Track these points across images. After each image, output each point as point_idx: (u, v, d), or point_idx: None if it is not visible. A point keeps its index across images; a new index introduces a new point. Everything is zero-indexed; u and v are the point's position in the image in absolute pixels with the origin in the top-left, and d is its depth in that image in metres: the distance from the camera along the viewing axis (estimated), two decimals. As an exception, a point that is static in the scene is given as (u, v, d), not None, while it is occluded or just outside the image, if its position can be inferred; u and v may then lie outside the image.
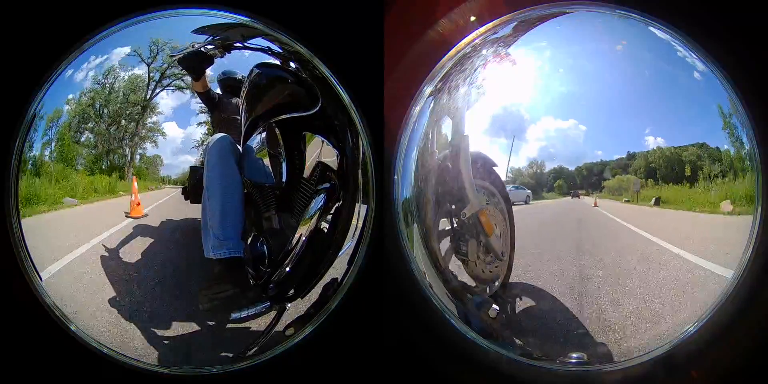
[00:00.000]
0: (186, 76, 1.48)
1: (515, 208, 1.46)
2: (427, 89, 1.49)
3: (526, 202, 1.46)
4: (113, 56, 1.46)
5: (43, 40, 1.40)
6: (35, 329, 1.43)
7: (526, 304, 1.43)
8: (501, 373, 1.43)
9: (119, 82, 1.47)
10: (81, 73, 1.45)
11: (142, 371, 1.45)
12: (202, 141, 1.48)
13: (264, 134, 1.52)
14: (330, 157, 1.50)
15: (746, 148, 1.33)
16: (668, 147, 1.36)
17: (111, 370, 1.44)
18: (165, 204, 1.50)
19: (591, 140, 1.36)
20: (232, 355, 1.48)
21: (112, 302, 1.43)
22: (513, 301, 1.43)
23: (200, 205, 1.45)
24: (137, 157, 1.49)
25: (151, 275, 1.44)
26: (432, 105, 1.48)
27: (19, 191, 1.42)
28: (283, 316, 1.49)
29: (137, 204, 1.47)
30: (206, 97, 1.50)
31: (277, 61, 1.52)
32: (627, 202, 1.44)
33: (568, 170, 1.42)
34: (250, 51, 1.51)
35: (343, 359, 1.49)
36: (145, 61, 1.46)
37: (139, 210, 1.47)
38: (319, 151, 1.51)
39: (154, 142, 1.48)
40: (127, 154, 1.48)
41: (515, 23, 1.44)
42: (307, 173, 1.51)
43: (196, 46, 1.46)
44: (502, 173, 1.43)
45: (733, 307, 1.31)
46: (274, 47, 1.51)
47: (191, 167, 1.48)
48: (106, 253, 1.44)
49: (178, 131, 1.48)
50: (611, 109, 1.36)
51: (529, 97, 1.41)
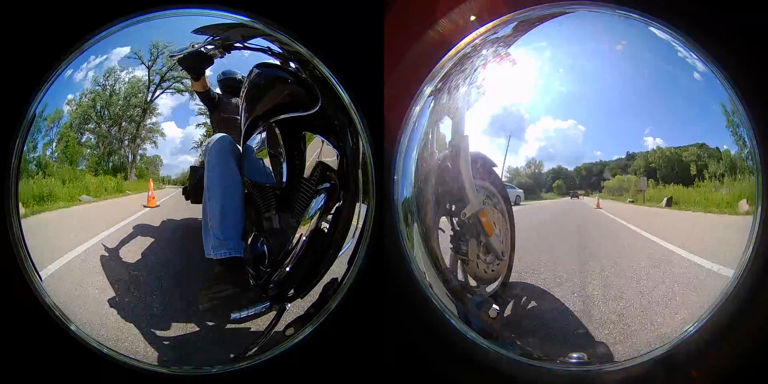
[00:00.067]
0: (186, 78, 1.48)
1: (514, 209, 1.45)
2: (427, 89, 1.49)
3: (515, 202, 1.45)
4: (113, 56, 1.46)
5: (43, 40, 1.40)
6: (35, 329, 1.43)
7: (526, 304, 1.43)
8: (501, 373, 1.43)
9: (120, 84, 1.47)
10: (81, 74, 1.45)
11: (142, 371, 1.45)
12: (202, 141, 1.49)
13: (264, 134, 1.52)
14: (330, 157, 1.50)
15: (746, 149, 1.33)
16: (668, 147, 1.36)
17: (111, 370, 1.44)
18: (165, 204, 1.50)
19: (590, 140, 1.36)
20: (232, 355, 1.48)
21: (112, 302, 1.43)
22: (513, 301, 1.43)
23: (200, 206, 1.45)
24: (138, 158, 1.49)
25: (151, 275, 1.45)
26: (432, 105, 1.48)
27: (21, 191, 1.42)
28: (283, 316, 1.49)
29: (153, 197, 1.52)
30: (206, 97, 1.50)
31: (277, 61, 1.52)
32: (631, 202, 1.44)
33: (567, 170, 1.42)
34: (249, 51, 1.51)
35: (343, 359, 1.49)
36: (146, 63, 1.47)
37: (154, 202, 1.52)
38: (319, 151, 1.51)
39: (154, 142, 1.48)
40: (128, 155, 1.49)
41: (515, 23, 1.44)
42: (307, 173, 1.51)
43: (196, 46, 1.46)
44: (499, 173, 1.43)
45: (733, 307, 1.31)
46: (274, 47, 1.51)
47: (191, 167, 1.48)
48: (106, 253, 1.44)
49: (177, 131, 1.48)
50: (611, 109, 1.35)
51: (528, 97, 1.41)
